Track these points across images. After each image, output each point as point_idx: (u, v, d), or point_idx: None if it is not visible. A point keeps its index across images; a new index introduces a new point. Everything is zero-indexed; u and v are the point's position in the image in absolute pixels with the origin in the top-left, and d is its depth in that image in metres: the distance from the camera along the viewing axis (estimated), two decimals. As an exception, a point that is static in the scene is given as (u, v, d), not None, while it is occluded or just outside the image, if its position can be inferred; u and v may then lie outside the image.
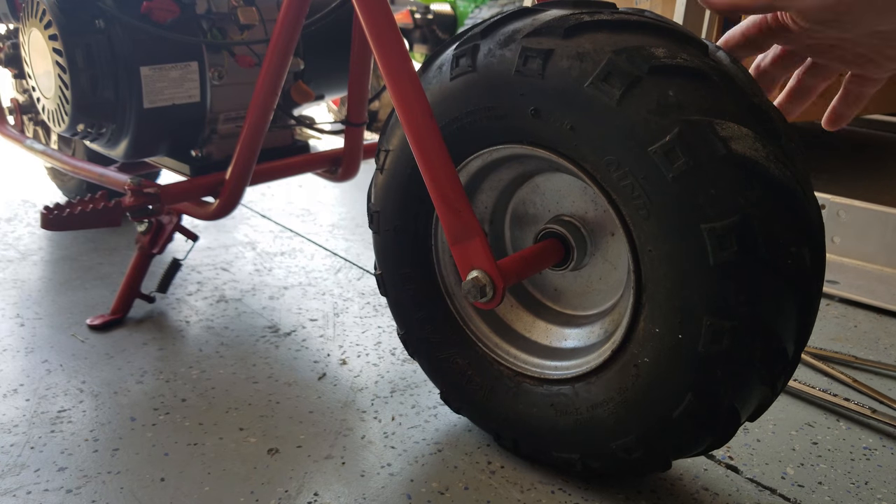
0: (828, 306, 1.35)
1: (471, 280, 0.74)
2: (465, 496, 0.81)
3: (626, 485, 0.83)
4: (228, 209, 1.16)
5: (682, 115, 0.62)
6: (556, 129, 0.69)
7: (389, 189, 0.86)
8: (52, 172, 1.79)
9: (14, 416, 0.93)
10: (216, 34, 1.18)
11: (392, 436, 0.91)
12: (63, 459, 0.85)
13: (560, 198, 0.84)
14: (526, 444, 0.85)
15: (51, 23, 1.08)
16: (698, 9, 1.46)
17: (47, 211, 1.04)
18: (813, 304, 0.67)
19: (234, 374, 1.04)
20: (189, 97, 1.15)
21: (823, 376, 1.09)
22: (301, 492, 0.81)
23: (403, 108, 0.74)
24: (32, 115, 1.60)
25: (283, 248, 1.55)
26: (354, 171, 1.33)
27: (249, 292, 1.32)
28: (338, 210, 1.83)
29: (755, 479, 0.85)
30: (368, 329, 1.20)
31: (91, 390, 0.99)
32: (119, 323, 1.18)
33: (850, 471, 0.87)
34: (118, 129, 1.14)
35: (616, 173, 0.66)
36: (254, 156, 1.12)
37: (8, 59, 1.37)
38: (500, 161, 0.82)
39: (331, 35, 1.31)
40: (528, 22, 0.71)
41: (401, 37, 0.76)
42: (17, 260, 1.43)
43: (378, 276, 0.92)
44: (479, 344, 0.88)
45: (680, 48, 0.66)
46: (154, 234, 1.20)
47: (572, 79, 0.66)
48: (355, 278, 1.40)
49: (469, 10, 3.55)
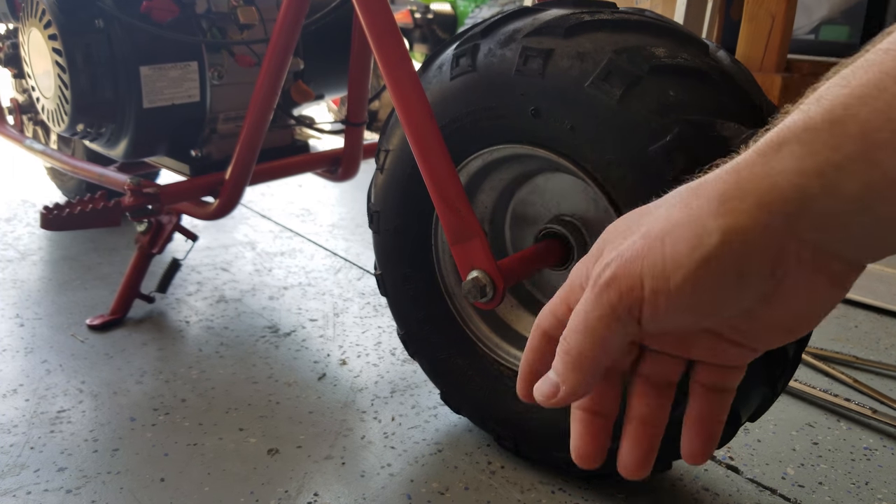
0: (828, 306, 1.34)
1: (471, 280, 0.74)
2: (465, 496, 0.81)
3: (626, 485, 0.83)
4: (228, 209, 1.16)
5: (682, 115, 0.62)
6: (556, 129, 0.69)
7: (389, 189, 0.86)
8: (52, 172, 1.79)
9: (14, 416, 0.93)
10: (216, 34, 1.18)
11: (392, 436, 0.91)
12: (63, 460, 0.85)
13: (560, 198, 0.84)
14: (526, 445, 0.84)
15: (50, 22, 1.08)
16: (699, 9, 1.46)
17: (47, 211, 1.04)
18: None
19: (233, 375, 1.04)
20: (189, 97, 1.15)
21: (824, 376, 1.09)
22: (301, 492, 0.80)
23: (403, 108, 0.74)
24: (32, 115, 1.60)
25: (282, 248, 1.55)
26: (354, 171, 1.33)
27: (249, 292, 1.32)
28: (338, 210, 1.83)
29: (755, 479, 0.85)
30: (368, 329, 1.19)
31: (91, 390, 0.99)
32: (119, 323, 1.18)
33: (851, 471, 0.87)
34: (118, 129, 1.14)
35: (616, 173, 0.66)
36: (253, 156, 1.12)
37: (7, 59, 1.37)
38: (501, 161, 0.82)
39: (331, 35, 1.31)
40: (528, 21, 0.71)
41: (401, 37, 0.76)
42: (17, 260, 1.43)
43: (378, 276, 0.92)
44: (479, 344, 0.88)
45: (680, 48, 0.66)
46: (154, 234, 1.20)
47: (572, 78, 0.66)
48: (355, 278, 1.40)
49: (469, 9, 3.55)
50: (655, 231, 0.33)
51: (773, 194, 0.30)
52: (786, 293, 0.31)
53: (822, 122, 0.28)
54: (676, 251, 0.32)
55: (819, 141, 0.28)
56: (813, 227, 0.30)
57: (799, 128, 0.29)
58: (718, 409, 0.38)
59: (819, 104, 0.29)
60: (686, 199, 0.32)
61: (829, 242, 0.30)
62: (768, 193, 0.30)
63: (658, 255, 0.32)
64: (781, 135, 0.30)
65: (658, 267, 0.32)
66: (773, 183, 0.30)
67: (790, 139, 0.29)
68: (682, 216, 0.32)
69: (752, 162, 0.30)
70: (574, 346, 0.36)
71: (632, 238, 0.34)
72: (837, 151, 0.28)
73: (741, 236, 0.30)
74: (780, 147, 0.30)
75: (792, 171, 0.29)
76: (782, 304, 0.32)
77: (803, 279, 0.31)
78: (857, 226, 0.29)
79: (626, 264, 0.33)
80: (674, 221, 0.32)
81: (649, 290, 0.33)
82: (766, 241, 0.30)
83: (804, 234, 0.30)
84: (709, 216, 0.31)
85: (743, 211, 0.30)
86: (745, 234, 0.30)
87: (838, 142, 0.28)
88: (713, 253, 0.31)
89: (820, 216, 0.29)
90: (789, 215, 0.30)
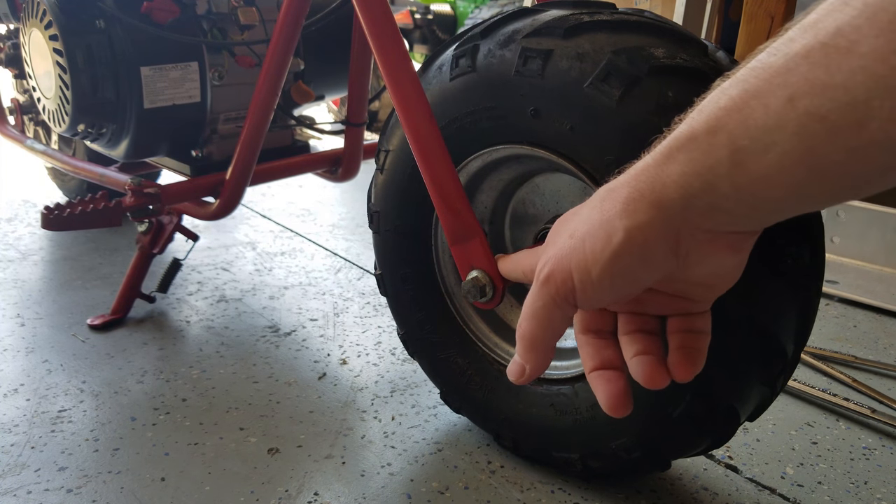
0: (827, 306, 1.35)
1: (471, 280, 0.74)
2: (465, 496, 0.81)
3: (626, 485, 0.83)
4: (229, 209, 1.16)
5: (681, 116, 0.62)
6: (555, 130, 0.70)
7: (389, 189, 0.86)
8: (53, 172, 1.79)
9: (14, 415, 0.93)
10: (216, 34, 1.18)
11: (392, 435, 0.91)
12: (63, 459, 0.85)
13: (560, 198, 0.84)
14: (526, 444, 0.85)
15: (51, 23, 1.08)
16: (698, 9, 1.47)
17: (48, 211, 1.04)
18: (812, 303, 0.67)
19: (234, 374, 1.04)
20: (189, 97, 1.15)
21: (823, 376, 1.09)
22: (301, 491, 0.81)
23: (403, 108, 0.74)
24: (33, 116, 1.60)
25: (283, 248, 1.55)
26: (354, 171, 1.33)
27: (250, 292, 1.32)
28: (338, 210, 1.83)
29: (755, 478, 0.85)
30: (368, 329, 1.20)
31: (91, 390, 0.99)
32: (119, 323, 1.18)
33: (850, 470, 0.87)
34: (118, 130, 1.14)
35: (616, 173, 0.66)
36: (254, 156, 1.12)
37: (8, 60, 1.37)
38: (500, 161, 0.82)
39: (331, 35, 1.31)
40: (527, 22, 0.71)
41: (401, 37, 0.76)
42: (18, 260, 1.43)
43: (378, 276, 0.92)
44: (479, 344, 0.88)
45: (679, 48, 0.66)
46: (154, 234, 1.20)
47: (572, 79, 0.67)
48: (355, 278, 1.40)
49: (469, 10, 3.55)
50: (579, 232, 0.41)
51: (664, 195, 0.37)
52: (694, 262, 0.40)
53: (701, 133, 0.35)
54: (594, 249, 0.40)
55: (698, 149, 0.36)
56: (699, 215, 0.37)
57: (685, 137, 0.36)
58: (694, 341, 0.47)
59: (700, 115, 0.36)
60: (602, 201, 0.41)
61: (717, 224, 0.38)
62: (660, 194, 0.37)
63: (580, 253, 0.41)
64: (671, 144, 0.37)
65: (582, 263, 0.41)
66: (664, 184, 0.37)
67: (677, 148, 0.37)
68: (597, 218, 0.40)
69: (647, 168, 0.38)
70: (527, 331, 0.46)
71: (563, 237, 0.43)
72: (711, 156, 0.35)
73: (640, 232, 0.38)
74: (669, 155, 0.37)
75: (678, 174, 0.36)
76: (696, 269, 0.40)
77: (704, 250, 0.39)
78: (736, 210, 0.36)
79: (558, 262, 0.42)
80: (592, 222, 0.41)
81: (578, 282, 0.42)
82: (661, 232, 0.38)
83: (694, 221, 0.38)
84: (616, 217, 0.39)
85: (640, 210, 0.38)
86: (643, 230, 0.38)
87: (712, 149, 0.35)
88: (620, 248, 0.39)
89: (704, 207, 0.37)
90: (678, 209, 0.37)
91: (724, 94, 0.35)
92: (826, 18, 0.31)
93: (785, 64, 0.32)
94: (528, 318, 0.45)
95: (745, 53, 1.39)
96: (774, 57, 0.33)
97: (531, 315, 0.45)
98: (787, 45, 0.32)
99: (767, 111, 0.32)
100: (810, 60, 0.31)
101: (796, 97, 0.31)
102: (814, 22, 0.31)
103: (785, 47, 0.32)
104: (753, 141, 0.33)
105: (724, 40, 1.73)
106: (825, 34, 0.30)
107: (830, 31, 0.30)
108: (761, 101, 0.33)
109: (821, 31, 0.31)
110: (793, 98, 0.31)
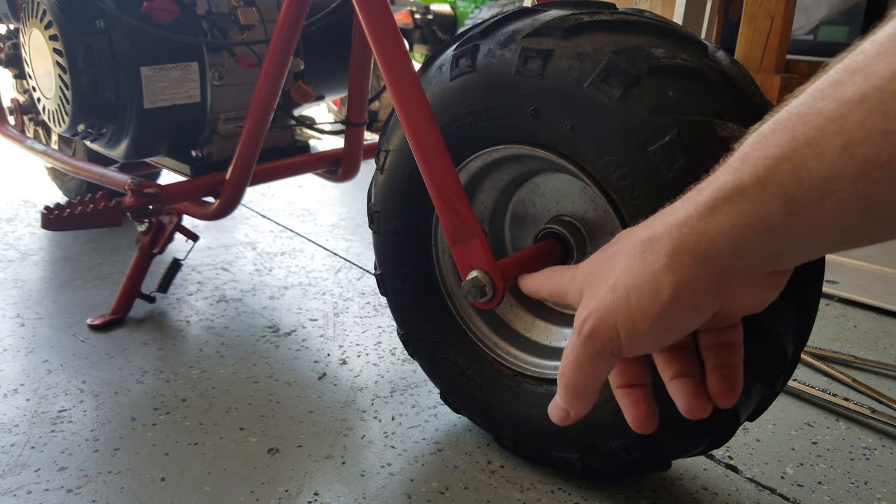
0: (827, 306, 1.35)
1: (471, 280, 0.74)
2: (464, 496, 0.81)
3: (626, 485, 0.83)
4: (229, 209, 1.16)
5: (681, 116, 0.62)
6: (555, 130, 0.70)
7: (389, 189, 0.86)
8: (53, 172, 1.79)
9: (14, 415, 0.93)
10: (216, 34, 1.18)
11: (392, 435, 0.91)
12: (63, 459, 0.85)
13: (560, 198, 0.84)
14: (526, 444, 0.85)
15: (51, 23, 1.08)
16: (698, 9, 1.47)
17: (48, 211, 1.04)
18: (812, 303, 0.67)
19: (234, 374, 1.04)
20: (189, 97, 1.15)
21: (823, 376, 1.09)
22: (301, 491, 0.81)
23: (403, 108, 0.74)
24: (33, 116, 1.60)
25: (283, 248, 1.55)
26: (354, 171, 1.33)
27: (250, 292, 1.32)
28: (338, 210, 1.83)
29: (755, 478, 0.85)
30: (368, 329, 1.20)
31: (91, 390, 0.99)
32: (119, 323, 1.18)
33: (850, 470, 0.87)
34: (118, 130, 1.14)
35: (616, 173, 0.67)
36: (254, 156, 1.12)
37: (8, 60, 1.37)
38: (500, 161, 0.82)
39: (331, 35, 1.31)
40: (527, 22, 0.71)
41: (401, 37, 0.76)
42: (18, 260, 1.43)
43: (378, 276, 0.92)
44: (479, 344, 0.88)
45: (679, 48, 0.66)
46: (154, 234, 1.20)
47: (572, 79, 0.67)
48: (355, 278, 1.40)
49: (469, 10, 3.55)
50: (622, 285, 0.41)
51: (712, 248, 0.37)
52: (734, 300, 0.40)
53: (749, 185, 0.35)
54: (641, 305, 0.40)
55: (748, 202, 0.35)
56: (749, 263, 0.37)
57: (730, 189, 0.36)
58: (730, 357, 0.46)
59: (745, 165, 0.35)
60: (643, 252, 0.40)
61: (765, 268, 0.38)
62: (707, 247, 0.37)
63: (626, 309, 0.41)
64: (716, 196, 0.36)
65: (628, 320, 0.41)
66: (711, 238, 0.37)
67: (723, 199, 0.36)
68: (641, 272, 0.40)
69: (690, 220, 0.38)
70: (571, 381, 0.46)
71: (603, 290, 0.43)
72: (762, 209, 0.35)
73: (689, 287, 0.39)
74: (715, 207, 0.37)
75: (727, 226, 0.36)
76: (736, 304, 0.41)
77: (746, 290, 0.40)
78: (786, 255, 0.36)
79: (603, 318, 0.42)
80: (635, 275, 0.41)
81: (625, 337, 0.42)
82: (709, 284, 0.38)
83: (743, 270, 0.38)
84: (661, 272, 0.39)
85: (686, 266, 0.38)
86: (691, 284, 0.38)
87: (763, 202, 0.34)
88: (668, 304, 0.39)
89: (754, 256, 0.37)
90: (728, 261, 0.37)
91: (768, 141, 0.34)
92: (877, 62, 0.30)
93: (837, 110, 0.31)
94: (573, 370, 0.45)
95: (745, 54, 1.39)
96: (823, 102, 0.32)
97: (576, 368, 0.45)
98: (836, 90, 0.31)
99: (822, 160, 0.32)
100: (865, 106, 0.30)
101: (852, 145, 0.30)
102: (863, 65, 0.31)
103: (833, 91, 0.32)
104: (808, 192, 0.32)
105: (724, 40, 1.73)
106: (878, 79, 0.30)
107: (884, 77, 0.30)
108: (813, 149, 0.32)
109: (872, 75, 0.30)
110: (848, 146, 0.31)
